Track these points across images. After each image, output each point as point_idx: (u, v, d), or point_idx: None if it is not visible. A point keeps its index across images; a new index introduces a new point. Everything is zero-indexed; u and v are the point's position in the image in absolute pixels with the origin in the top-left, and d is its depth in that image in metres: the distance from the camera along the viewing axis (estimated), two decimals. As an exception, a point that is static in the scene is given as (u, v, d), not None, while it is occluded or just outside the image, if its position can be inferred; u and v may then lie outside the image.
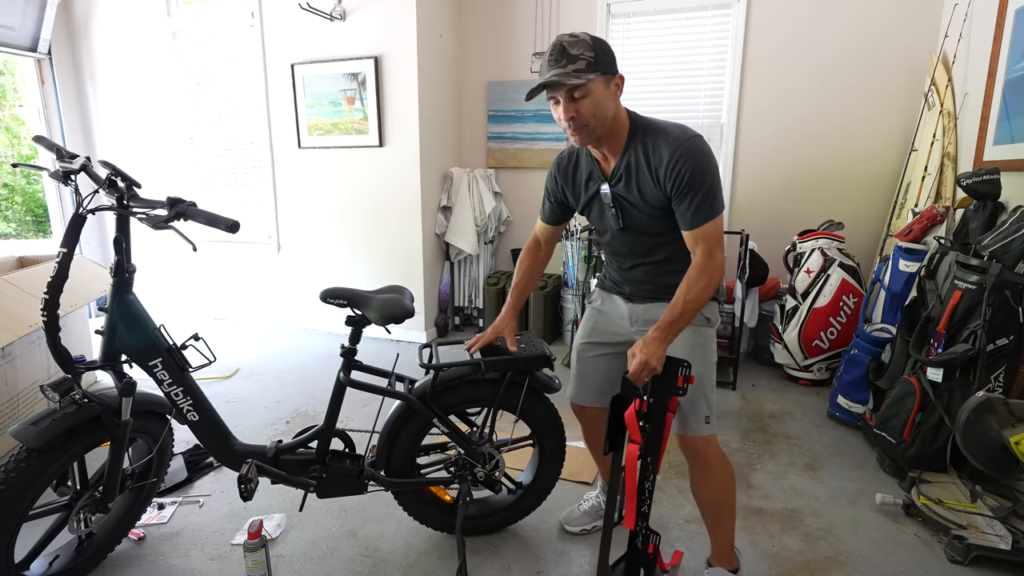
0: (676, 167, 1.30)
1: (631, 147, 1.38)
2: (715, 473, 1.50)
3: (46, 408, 1.41)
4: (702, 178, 1.30)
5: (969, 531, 1.79)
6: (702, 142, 1.33)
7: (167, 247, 4.48)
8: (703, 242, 1.34)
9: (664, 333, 1.31)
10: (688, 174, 1.30)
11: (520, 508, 1.86)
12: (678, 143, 1.31)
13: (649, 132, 1.36)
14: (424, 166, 3.74)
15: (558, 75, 1.25)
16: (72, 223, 1.37)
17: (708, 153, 1.33)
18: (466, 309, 4.27)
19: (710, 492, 1.53)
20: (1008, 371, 2.03)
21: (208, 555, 1.77)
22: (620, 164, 1.40)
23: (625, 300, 1.58)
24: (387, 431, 1.68)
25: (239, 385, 3.17)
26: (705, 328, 1.48)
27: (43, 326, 1.37)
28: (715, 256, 1.34)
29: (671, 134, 1.33)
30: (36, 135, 1.53)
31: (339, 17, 3.64)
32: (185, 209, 1.38)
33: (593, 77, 1.25)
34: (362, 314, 1.58)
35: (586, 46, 1.26)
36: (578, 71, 1.24)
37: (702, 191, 1.31)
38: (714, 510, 1.56)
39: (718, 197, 1.34)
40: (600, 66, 1.26)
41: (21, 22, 3.95)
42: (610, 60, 1.30)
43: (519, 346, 1.66)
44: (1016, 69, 2.38)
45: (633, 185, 1.39)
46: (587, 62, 1.25)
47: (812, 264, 3.07)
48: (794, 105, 3.47)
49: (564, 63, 1.25)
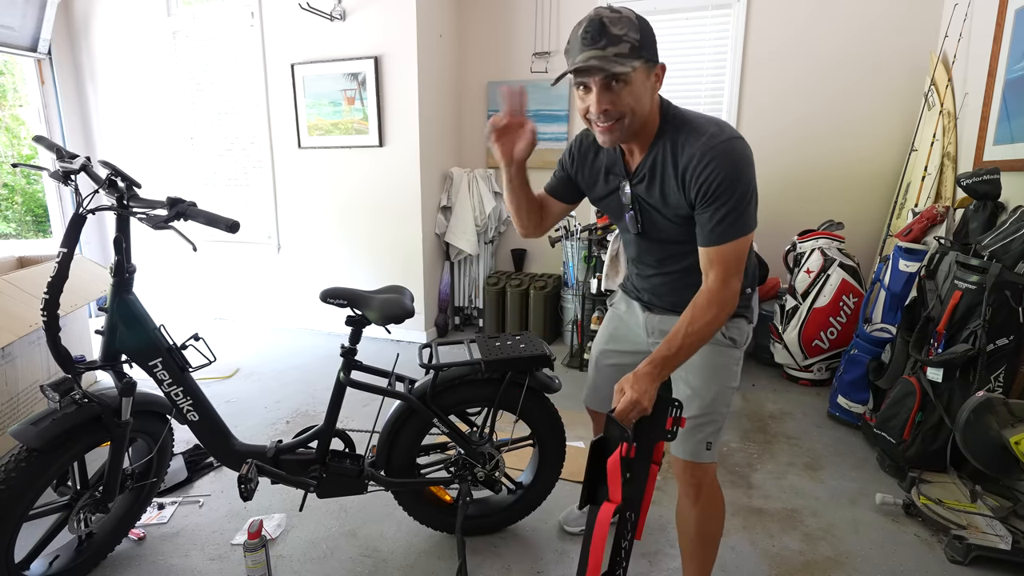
0: (705, 171, 1.11)
1: (659, 143, 1.18)
2: (704, 505, 1.35)
3: (46, 408, 1.41)
4: (733, 187, 1.10)
5: (969, 531, 1.79)
6: (742, 144, 1.13)
7: (167, 247, 4.48)
8: (720, 265, 1.14)
9: (658, 369, 1.11)
10: (717, 180, 1.10)
11: (520, 508, 1.86)
12: (711, 143, 1.11)
13: (682, 127, 1.16)
14: (424, 166, 3.74)
15: (598, 59, 1.03)
16: (72, 223, 1.37)
17: (746, 159, 1.13)
18: (466, 309, 4.27)
19: (694, 524, 1.37)
20: (1008, 371, 2.03)
21: (208, 555, 1.77)
22: (645, 162, 1.21)
23: (643, 308, 1.45)
24: (387, 431, 1.68)
25: (239, 385, 3.17)
26: (728, 348, 1.32)
27: (43, 326, 1.37)
28: (730, 284, 1.14)
29: (705, 131, 1.13)
30: (36, 135, 1.54)
31: (339, 17, 3.64)
32: (185, 209, 1.38)
33: (637, 65, 1.05)
34: (362, 314, 1.58)
35: (631, 25, 1.04)
36: (620, 56, 1.03)
37: (731, 202, 1.11)
38: (693, 543, 1.39)
39: (749, 213, 1.13)
40: (645, 52, 1.06)
41: (21, 22, 3.95)
42: (654, 45, 1.09)
43: (519, 346, 1.66)
44: (1016, 69, 2.38)
45: (656, 187, 1.21)
46: (631, 45, 1.04)
47: (812, 264, 3.07)
48: (794, 105, 3.47)
49: (604, 44, 1.03)
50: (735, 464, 2.32)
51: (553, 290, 3.89)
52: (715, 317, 1.14)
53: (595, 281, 3.31)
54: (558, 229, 3.59)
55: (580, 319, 3.53)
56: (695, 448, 1.31)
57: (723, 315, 1.15)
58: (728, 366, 1.33)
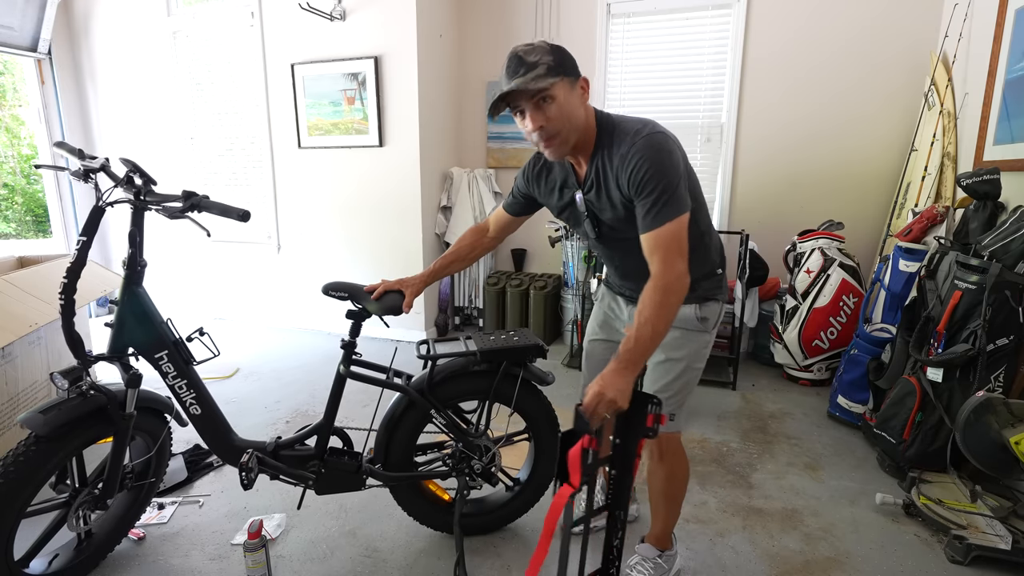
0: (632, 166, 1.21)
1: (599, 151, 1.30)
2: (668, 467, 1.52)
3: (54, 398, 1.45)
4: (658, 175, 1.19)
5: (969, 531, 1.79)
6: (661, 137, 1.23)
7: (167, 248, 4.48)
8: (660, 249, 1.20)
9: (623, 364, 1.15)
10: (643, 171, 1.20)
11: (518, 505, 1.86)
12: (634, 140, 1.22)
13: (614, 132, 1.28)
14: (424, 166, 3.74)
15: (518, 83, 1.18)
16: (92, 214, 1.45)
17: (666, 147, 1.22)
18: (466, 309, 4.27)
19: (660, 482, 1.54)
20: (1008, 371, 2.03)
21: (208, 555, 1.77)
22: (590, 171, 1.33)
23: (627, 301, 1.54)
24: (385, 424, 1.69)
25: (239, 385, 3.17)
26: (698, 333, 1.42)
27: (60, 310, 1.44)
28: (674, 266, 1.18)
29: (630, 131, 1.25)
30: (57, 141, 1.65)
31: (339, 17, 3.64)
32: (199, 201, 1.46)
33: (556, 80, 1.19)
34: (362, 307, 1.60)
35: (543, 52, 1.20)
36: (538, 77, 1.18)
37: (659, 188, 1.19)
38: (661, 498, 1.57)
39: (679, 195, 1.21)
40: (561, 69, 1.20)
41: (21, 22, 3.95)
42: (571, 63, 1.24)
43: (512, 339, 1.69)
44: (1016, 69, 2.38)
45: (603, 193, 1.32)
46: (547, 66, 1.19)
47: (812, 264, 3.07)
48: (794, 105, 3.46)
49: (523, 72, 1.18)
50: (735, 464, 2.32)
51: (553, 290, 3.89)
52: (663, 300, 1.17)
53: (595, 281, 3.30)
54: (558, 229, 3.59)
55: (580, 319, 3.53)
56: None
57: (672, 298, 1.18)
58: (697, 349, 1.42)
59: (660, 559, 1.61)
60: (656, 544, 1.62)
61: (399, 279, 1.63)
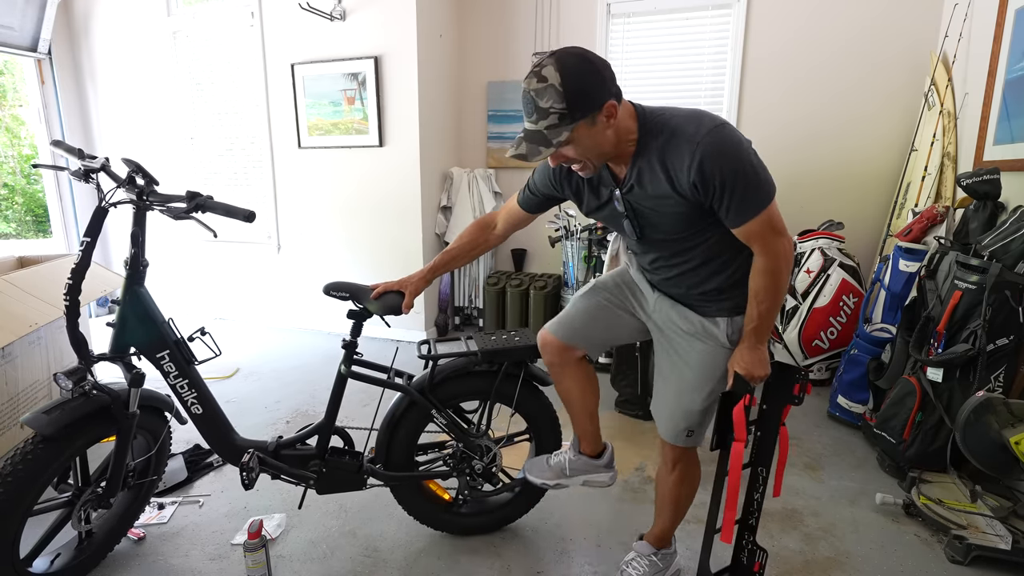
0: (700, 171, 1.11)
1: (642, 153, 1.20)
2: (679, 475, 1.53)
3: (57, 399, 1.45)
4: (735, 172, 1.12)
5: (969, 531, 1.79)
6: (724, 131, 1.13)
7: (168, 248, 4.49)
8: (756, 238, 1.19)
9: (751, 342, 1.27)
10: (718, 176, 1.11)
11: (519, 505, 1.86)
12: (695, 143, 1.11)
13: (662, 132, 1.17)
14: (424, 166, 3.74)
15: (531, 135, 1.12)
16: (95, 215, 1.45)
17: (732, 139, 1.13)
18: (466, 309, 4.27)
19: (668, 488, 1.56)
20: (1008, 371, 2.03)
21: (208, 555, 1.77)
22: (632, 171, 1.22)
23: (653, 288, 1.46)
24: (386, 424, 1.70)
25: (239, 385, 3.17)
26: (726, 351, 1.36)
27: (65, 311, 1.44)
28: (774, 247, 1.19)
29: (685, 133, 1.14)
30: (54, 140, 1.60)
31: (339, 17, 3.64)
32: (203, 201, 1.46)
33: (569, 132, 1.10)
34: (363, 307, 1.60)
35: (555, 96, 1.08)
36: (551, 127, 1.10)
37: (740, 186, 1.13)
38: (666, 502, 1.58)
39: (762, 185, 1.15)
40: (577, 112, 1.09)
41: (21, 22, 3.95)
42: (587, 99, 1.09)
43: (513, 339, 1.69)
44: (1016, 69, 2.38)
45: (647, 191, 1.22)
46: (558, 115, 1.09)
47: (812, 264, 3.07)
48: (794, 105, 3.47)
49: (535, 117, 1.11)
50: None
51: (553, 290, 3.88)
52: (771, 284, 1.23)
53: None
54: (558, 229, 3.59)
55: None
56: (676, 435, 1.46)
57: (782, 277, 1.23)
58: (723, 367, 1.39)
59: (655, 557, 1.62)
60: (654, 543, 1.63)
61: (399, 279, 1.62)
